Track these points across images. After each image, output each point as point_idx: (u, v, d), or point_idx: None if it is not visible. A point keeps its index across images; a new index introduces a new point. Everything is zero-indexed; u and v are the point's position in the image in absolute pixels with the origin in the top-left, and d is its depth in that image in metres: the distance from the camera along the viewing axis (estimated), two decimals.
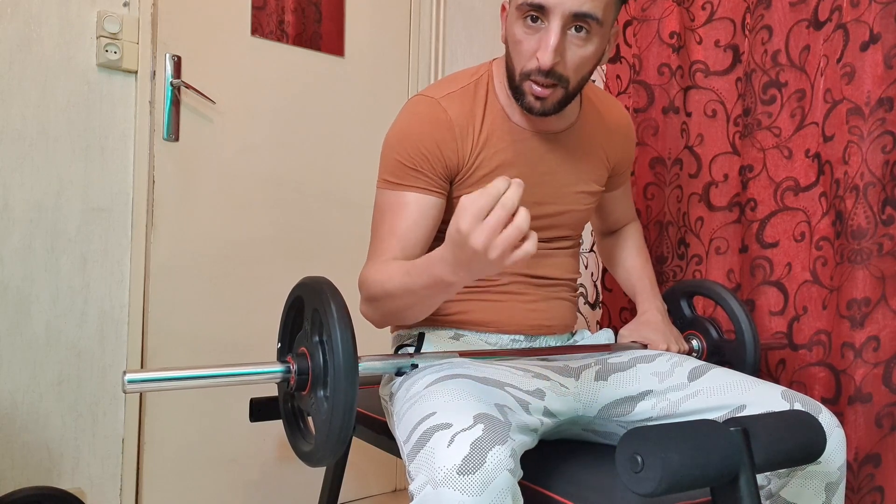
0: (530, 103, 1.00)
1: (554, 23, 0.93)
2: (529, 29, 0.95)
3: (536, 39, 0.95)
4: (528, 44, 0.96)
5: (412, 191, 1.02)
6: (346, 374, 0.77)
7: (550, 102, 1.00)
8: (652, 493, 0.65)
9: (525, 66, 0.98)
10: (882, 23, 1.16)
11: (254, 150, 1.80)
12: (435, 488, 0.73)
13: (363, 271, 1.01)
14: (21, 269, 1.48)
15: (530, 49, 0.96)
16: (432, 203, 1.02)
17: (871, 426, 1.18)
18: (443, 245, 0.77)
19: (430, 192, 1.02)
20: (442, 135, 1.02)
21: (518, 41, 0.97)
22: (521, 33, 0.97)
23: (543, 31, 0.94)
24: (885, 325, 1.17)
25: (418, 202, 1.02)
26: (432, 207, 1.02)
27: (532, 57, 0.96)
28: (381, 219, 1.04)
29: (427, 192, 1.02)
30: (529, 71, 0.97)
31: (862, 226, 1.18)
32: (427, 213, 1.02)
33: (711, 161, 1.46)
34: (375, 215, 1.06)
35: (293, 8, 1.86)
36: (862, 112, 1.18)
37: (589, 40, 0.96)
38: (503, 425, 0.79)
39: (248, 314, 1.79)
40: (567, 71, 0.97)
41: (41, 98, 1.50)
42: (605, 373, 1.04)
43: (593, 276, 1.83)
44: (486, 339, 1.09)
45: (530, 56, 0.96)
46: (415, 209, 1.01)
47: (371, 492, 2.05)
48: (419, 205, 1.02)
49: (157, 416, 1.66)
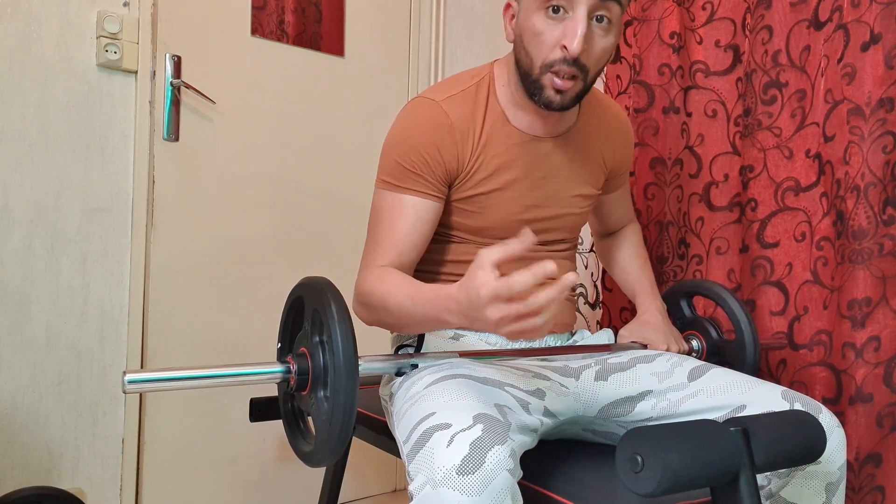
0: (549, 97, 0.98)
1: (580, 10, 0.93)
2: (552, 19, 0.95)
3: (560, 29, 0.95)
4: (550, 35, 0.95)
5: (411, 194, 1.01)
6: (346, 375, 0.77)
7: (569, 96, 0.99)
8: (652, 493, 0.65)
9: (547, 57, 0.96)
10: (883, 23, 1.16)
11: (254, 150, 1.80)
12: (434, 488, 0.73)
13: (362, 275, 1.01)
14: (21, 269, 1.48)
15: (553, 39, 0.95)
16: (430, 207, 1.02)
17: (872, 426, 1.18)
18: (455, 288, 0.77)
19: (429, 197, 1.02)
20: (443, 138, 1.02)
21: (539, 32, 0.96)
22: (543, 24, 0.95)
23: (569, 20, 0.94)
24: (885, 325, 1.17)
25: (416, 206, 1.01)
26: (429, 212, 1.02)
27: (555, 48, 0.95)
28: (379, 220, 1.04)
29: (425, 195, 1.02)
30: (553, 62, 0.96)
31: (863, 226, 1.18)
32: (424, 218, 1.02)
33: (712, 161, 1.46)
34: (373, 215, 1.06)
35: (293, 8, 1.86)
36: (862, 112, 1.18)
37: (610, 31, 0.96)
38: (503, 425, 0.79)
39: (248, 314, 1.79)
40: (590, 62, 0.97)
41: (41, 98, 1.50)
42: (605, 373, 1.04)
43: (593, 277, 1.83)
44: (485, 338, 1.09)
45: (553, 46, 0.95)
46: (412, 213, 1.01)
47: (371, 492, 2.04)
48: (417, 209, 1.01)
49: (156, 416, 1.66)
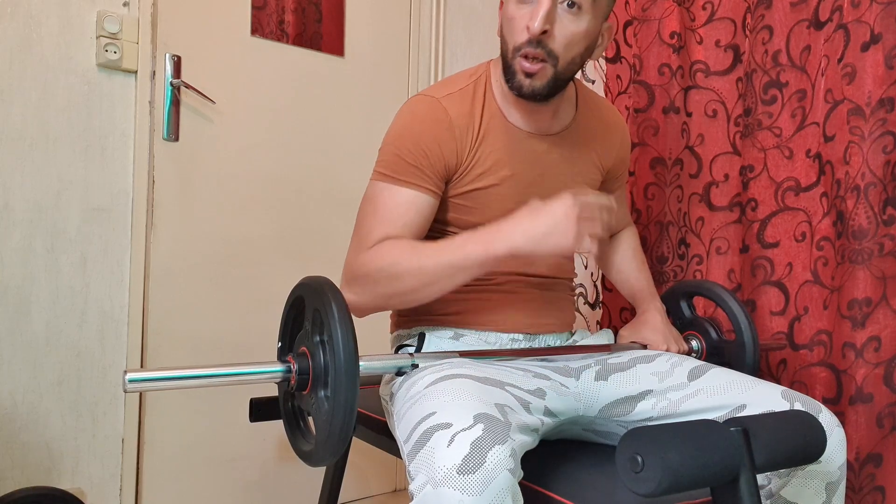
0: (520, 82, 1.00)
1: None
2: (523, 4, 0.97)
3: (528, 12, 0.97)
4: (519, 19, 0.98)
5: (409, 187, 1.01)
6: (347, 374, 0.77)
7: (540, 81, 0.99)
8: (652, 493, 0.65)
9: (517, 40, 0.98)
10: (883, 23, 1.16)
11: (254, 150, 1.80)
12: (435, 488, 0.73)
13: (353, 258, 1.01)
14: (21, 269, 1.48)
15: (522, 23, 0.97)
16: (426, 202, 1.02)
17: (872, 426, 1.18)
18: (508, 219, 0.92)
19: (426, 191, 1.02)
20: (442, 134, 1.02)
21: (511, 18, 0.99)
22: (514, 10, 0.99)
23: (535, 3, 0.96)
24: (885, 325, 1.17)
25: (413, 199, 1.01)
26: (426, 206, 1.02)
27: (523, 30, 0.97)
28: (373, 209, 1.02)
29: (423, 189, 1.01)
30: (520, 45, 0.98)
31: (863, 226, 1.18)
32: (422, 212, 1.01)
33: (712, 161, 1.46)
34: (365, 206, 1.04)
35: (293, 8, 1.86)
36: (863, 112, 1.18)
37: (580, 16, 0.97)
38: (503, 425, 0.79)
39: (248, 314, 1.79)
40: (556, 46, 0.97)
41: (41, 98, 1.50)
42: (605, 373, 1.04)
43: (593, 276, 1.83)
44: (485, 338, 1.09)
45: (521, 30, 0.97)
46: (412, 207, 1.01)
47: (371, 492, 2.04)
48: (414, 202, 1.01)
49: (156, 416, 1.66)
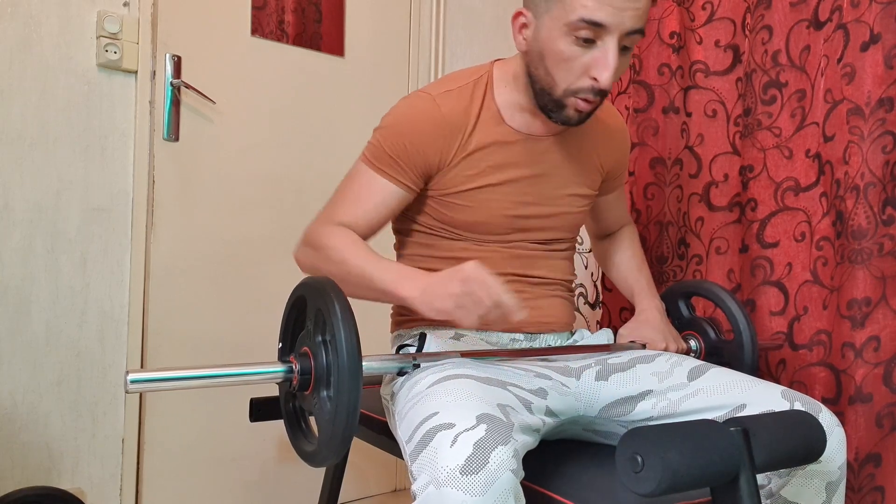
0: (569, 116, 1.01)
1: (611, 42, 0.93)
2: (580, 47, 0.95)
3: (589, 58, 0.95)
4: (578, 62, 0.96)
5: (384, 177, 1.06)
6: (350, 374, 0.78)
7: (587, 114, 1.02)
8: (652, 493, 0.65)
9: (573, 83, 0.98)
10: (882, 23, 1.16)
11: (254, 150, 1.80)
12: (438, 488, 0.73)
13: (320, 224, 1.07)
14: (21, 270, 1.48)
15: (581, 67, 0.96)
16: (397, 194, 1.06)
17: (872, 426, 1.18)
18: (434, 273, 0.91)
19: (400, 185, 1.06)
20: (429, 131, 1.04)
21: (566, 59, 0.96)
22: (570, 51, 0.95)
23: (598, 50, 0.94)
24: (885, 325, 1.17)
25: (385, 189, 1.06)
26: (395, 198, 1.07)
27: (583, 76, 0.97)
28: (350, 187, 1.09)
29: (397, 182, 1.06)
30: (579, 89, 0.98)
31: (862, 226, 1.18)
32: (388, 203, 1.06)
33: (712, 161, 1.47)
34: (348, 180, 1.11)
35: (293, 8, 1.86)
36: (862, 112, 1.18)
37: (628, 54, 0.98)
38: (506, 425, 0.79)
39: (248, 314, 1.79)
40: (609, 85, 0.98)
41: (41, 98, 1.50)
42: (605, 373, 1.04)
43: (593, 276, 1.83)
44: (486, 338, 1.10)
45: (581, 74, 0.97)
46: (380, 195, 1.06)
47: (371, 492, 2.05)
48: (384, 193, 1.06)
49: (157, 416, 1.66)
